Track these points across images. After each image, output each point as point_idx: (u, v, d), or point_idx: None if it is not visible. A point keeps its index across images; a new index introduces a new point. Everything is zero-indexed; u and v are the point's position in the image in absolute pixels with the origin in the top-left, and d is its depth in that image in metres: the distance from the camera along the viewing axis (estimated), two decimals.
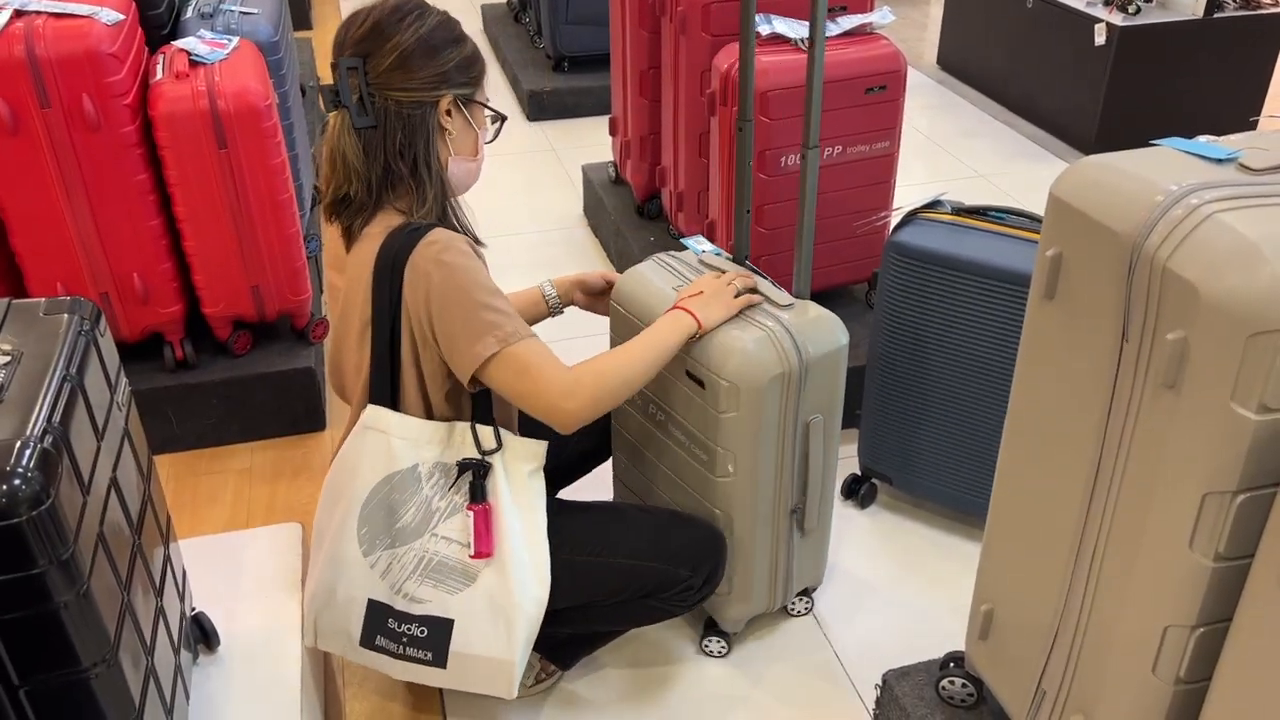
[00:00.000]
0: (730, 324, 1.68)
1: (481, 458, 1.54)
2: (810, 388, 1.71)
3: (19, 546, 1.03)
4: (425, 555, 1.55)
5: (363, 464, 1.54)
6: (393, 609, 1.56)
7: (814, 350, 1.69)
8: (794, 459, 1.76)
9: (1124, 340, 1.14)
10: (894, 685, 1.67)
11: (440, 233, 1.49)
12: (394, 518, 1.55)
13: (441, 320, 1.47)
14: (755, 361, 1.64)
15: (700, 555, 1.69)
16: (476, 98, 1.57)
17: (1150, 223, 1.08)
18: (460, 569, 1.55)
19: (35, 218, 2.16)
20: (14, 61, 2.00)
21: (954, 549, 2.17)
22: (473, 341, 1.46)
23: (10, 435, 1.06)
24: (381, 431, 1.53)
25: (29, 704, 1.11)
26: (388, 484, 1.54)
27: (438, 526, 1.55)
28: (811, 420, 1.74)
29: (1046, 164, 3.93)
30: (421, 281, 1.46)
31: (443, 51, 1.51)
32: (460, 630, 1.55)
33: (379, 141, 1.49)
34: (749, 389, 1.64)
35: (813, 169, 1.75)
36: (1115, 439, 1.18)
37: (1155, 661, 1.18)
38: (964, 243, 1.91)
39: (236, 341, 2.45)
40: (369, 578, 1.56)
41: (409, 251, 1.47)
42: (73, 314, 1.29)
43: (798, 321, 1.70)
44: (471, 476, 1.53)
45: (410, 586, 1.55)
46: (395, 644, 1.58)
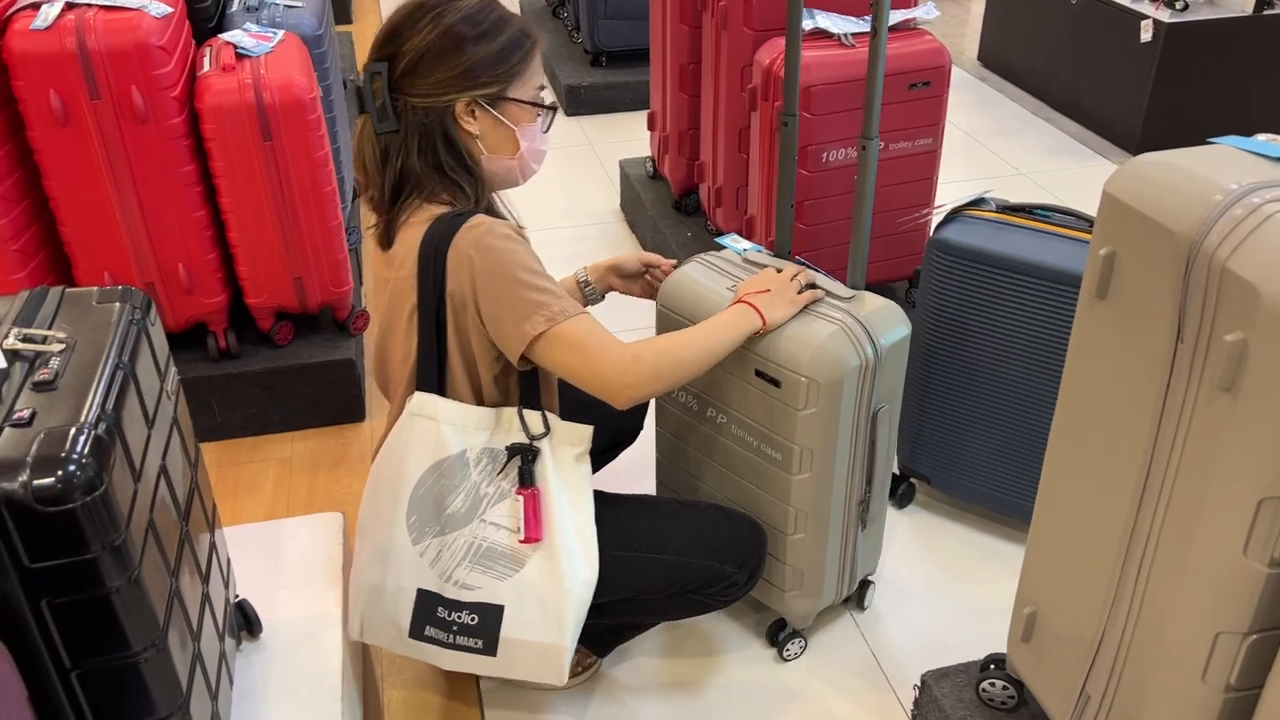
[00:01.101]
0: (798, 319, 1.67)
1: (530, 442, 1.53)
2: (881, 378, 1.72)
3: (73, 531, 1.04)
4: (475, 541, 1.54)
5: (410, 451, 1.54)
6: (442, 597, 1.56)
7: (885, 340, 1.70)
8: (864, 450, 1.76)
9: (1179, 341, 1.12)
10: (933, 686, 1.65)
11: (482, 217, 1.49)
12: (443, 505, 1.55)
13: (487, 301, 1.47)
14: (834, 356, 1.64)
15: (745, 552, 1.69)
16: (510, 94, 1.52)
17: (1209, 222, 1.06)
18: (509, 554, 1.54)
19: (84, 208, 2.19)
20: (65, 53, 2.03)
21: (992, 550, 2.16)
22: (520, 321, 1.46)
23: (65, 422, 1.07)
24: (430, 418, 1.53)
25: (80, 687, 1.13)
26: (436, 470, 1.53)
27: (486, 512, 1.54)
28: (879, 409, 1.74)
29: (1089, 162, 3.88)
30: (465, 265, 1.46)
31: (457, 52, 1.47)
32: (510, 616, 1.54)
33: (399, 146, 1.50)
34: (830, 383, 1.64)
35: (873, 159, 1.75)
36: (1167, 441, 1.16)
37: (1205, 668, 1.16)
38: (1009, 241, 1.89)
39: (279, 332, 2.48)
40: (418, 566, 1.56)
41: (451, 237, 1.47)
42: (124, 303, 1.30)
43: (864, 313, 1.70)
44: (520, 461, 1.53)
45: (460, 573, 1.55)
46: (445, 633, 1.58)
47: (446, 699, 1.85)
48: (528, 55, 1.53)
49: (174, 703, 1.20)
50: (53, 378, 1.13)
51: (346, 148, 3.02)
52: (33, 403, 1.10)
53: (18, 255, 2.14)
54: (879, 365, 1.69)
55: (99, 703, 1.14)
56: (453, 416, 1.53)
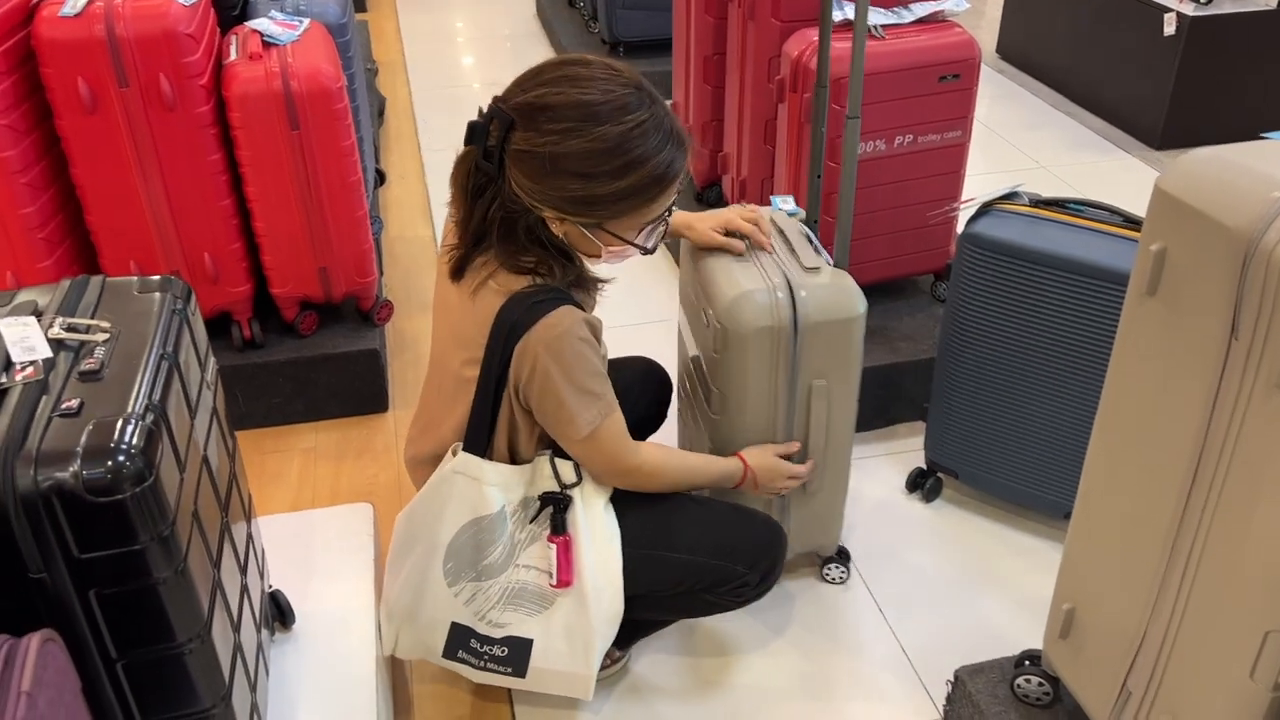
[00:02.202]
0: (743, 270, 1.72)
1: (562, 491, 1.56)
2: (810, 350, 1.72)
3: (122, 523, 1.04)
4: (509, 586, 1.59)
5: (450, 505, 1.55)
6: (475, 632, 1.61)
7: (815, 314, 1.70)
8: (790, 417, 1.78)
9: (1233, 338, 1.11)
10: (967, 682, 1.65)
11: (563, 314, 1.43)
12: (480, 555, 1.57)
13: (541, 399, 1.48)
14: (743, 310, 1.68)
15: (758, 553, 1.68)
16: (610, 228, 1.43)
17: (1268, 218, 1.05)
18: (539, 593, 1.59)
19: (111, 196, 2.19)
20: (94, 41, 2.02)
21: (1020, 545, 2.15)
22: (566, 423, 1.49)
23: (113, 412, 1.07)
24: (474, 479, 1.54)
25: (125, 678, 1.13)
26: (475, 525, 1.56)
27: (519, 557, 1.58)
28: (814, 384, 1.75)
29: (1111, 156, 3.86)
30: (528, 360, 1.44)
31: (571, 179, 1.36)
32: (539, 648, 1.59)
33: (494, 194, 1.43)
34: (735, 335, 1.68)
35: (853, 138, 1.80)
36: (1218, 438, 1.15)
37: (1254, 666, 1.15)
38: (1042, 235, 1.88)
39: (303, 322, 2.47)
40: (453, 604, 1.59)
41: (526, 327, 1.43)
42: (165, 292, 1.30)
43: (810, 283, 1.71)
44: (553, 509, 1.56)
45: (494, 615, 1.60)
46: (477, 659, 1.62)
47: (475, 689, 1.85)
48: (652, 198, 1.41)
49: (217, 694, 1.20)
50: (98, 368, 1.13)
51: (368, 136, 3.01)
52: (80, 393, 1.10)
53: (44, 243, 2.13)
54: (801, 337, 1.70)
55: (144, 694, 1.15)
56: (497, 478, 1.55)
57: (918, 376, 2.38)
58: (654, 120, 1.38)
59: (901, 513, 2.24)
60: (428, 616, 1.60)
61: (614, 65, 1.41)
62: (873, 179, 2.37)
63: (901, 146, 2.35)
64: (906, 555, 2.13)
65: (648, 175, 1.38)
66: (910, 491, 2.28)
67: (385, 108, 4.25)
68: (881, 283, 2.56)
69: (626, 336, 2.12)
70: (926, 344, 2.43)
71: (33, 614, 1.05)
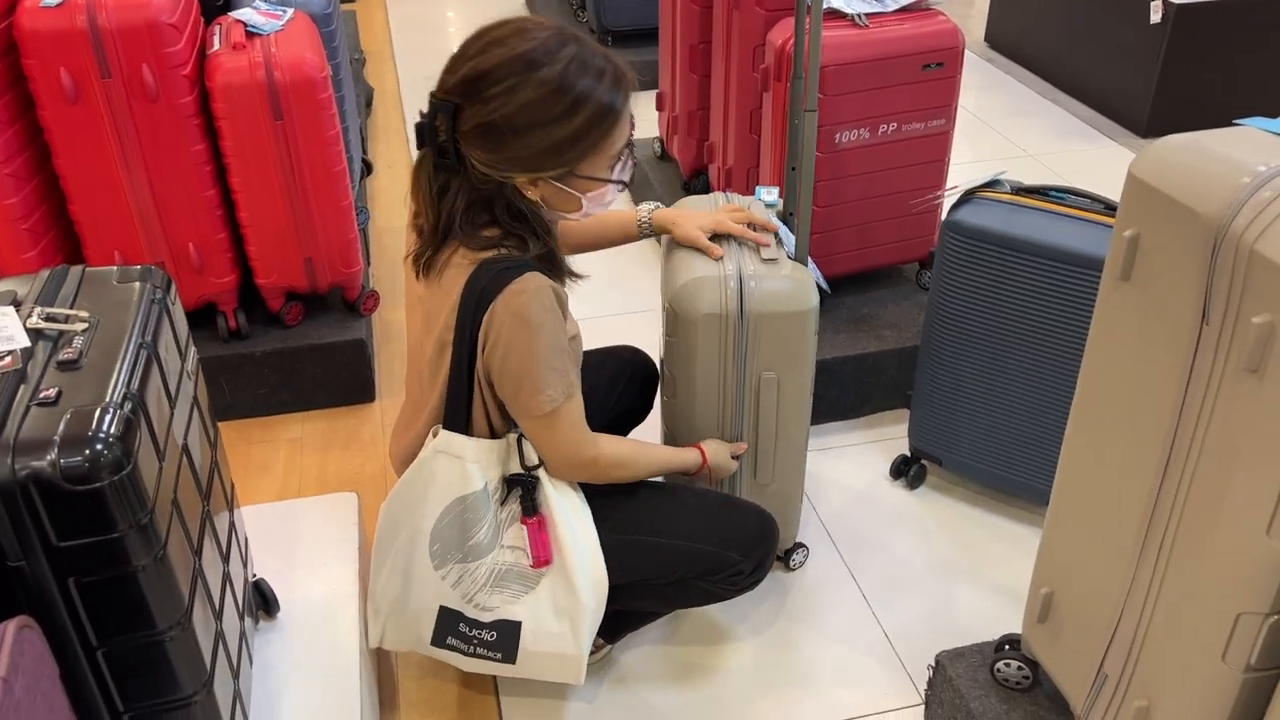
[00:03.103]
0: (702, 259, 1.74)
1: (527, 472, 1.55)
2: (759, 341, 1.74)
3: (100, 511, 1.05)
4: (495, 567, 1.58)
5: (434, 486, 1.55)
6: (464, 616, 1.60)
7: (761, 305, 1.71)
8: (738, 406, 1.80)
9: (1204, 323, 1.12)
10: (947, 666, 1.66)
11: (529, 280, 1.43)
12: (467, 535, 1.56)
13: (503, 367, 1.47)
14: (692, 294, 1.70)
15: (751, 541, 1.69)
16: (581, 171, 1.44)
17: (1237, 204, 1.06)
18: (523, 574, 1.58)
19: (94, 187, 2.18)
20: (76, 31, 2.01)
21: (1003, 531, 2.16)
22: (531, 394, 1.47)
23: (91, 401, 1.07)
24: (456, 456, 1.54)
25: (106, 665, 1.13)
26: (460, 504, 1.55)
27: (504, 537, 1.58)
28: (764, 376, 1.77)
29: (1098, 145, 3.87)
30: (498, 327, 1.44)
31: (527, 135, 1.37)
32: (528, 630, 1.59)
33: (459, 186, 1.44)
34: (684, 319, 1.71)
35: (811, 130, 1.80)
36: (1190, 422, 1.17)
37: (1226, 648, 1.17)
38: (1024, 223, 1.89)
39: (289, 312, 2.47)
40: (440, 588, 1.59)
41: (494, 294, 1.43)
42: (144, 282, 1.30)
43: (763, 273, 1.72)
44: (521, 490, 1.55)
45: (481, 597, 1.59)
46: (466, 645, 1.62)
47: (461, 678, 1.85)
48: (611, 123, 1.41)
49: (198, 681, 1.21)
50: (77, 357, 1.14)
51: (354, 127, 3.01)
52: (58, 382, 1.10)
53: (28, 234, 2.13)
54: (748, 325, 1.71)
55: (125, 681, 1.15)
56: (479, 455, 1.54)
57: (903, 364, 2.39)
58: (584, 52, 1.39)
59: (885, 500, 2.25)
60: (415, 602, 1.60)
61: (527, 17, 1.43)
62: (856, 168, 2.38)
63: (885, 135, 2.35)
64: (890, 542, 2.14)
65: (599, 104, 1.39)
66: (894, 478, 2.29)
67: (373, 98, 4.24)
68: (866, 271, 2.57)
69: (611, 326, 2.13)
70: (911, 332, 2.44)
71: (12, 602, 1.05)
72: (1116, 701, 1.36)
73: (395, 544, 1.60)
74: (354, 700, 1.54)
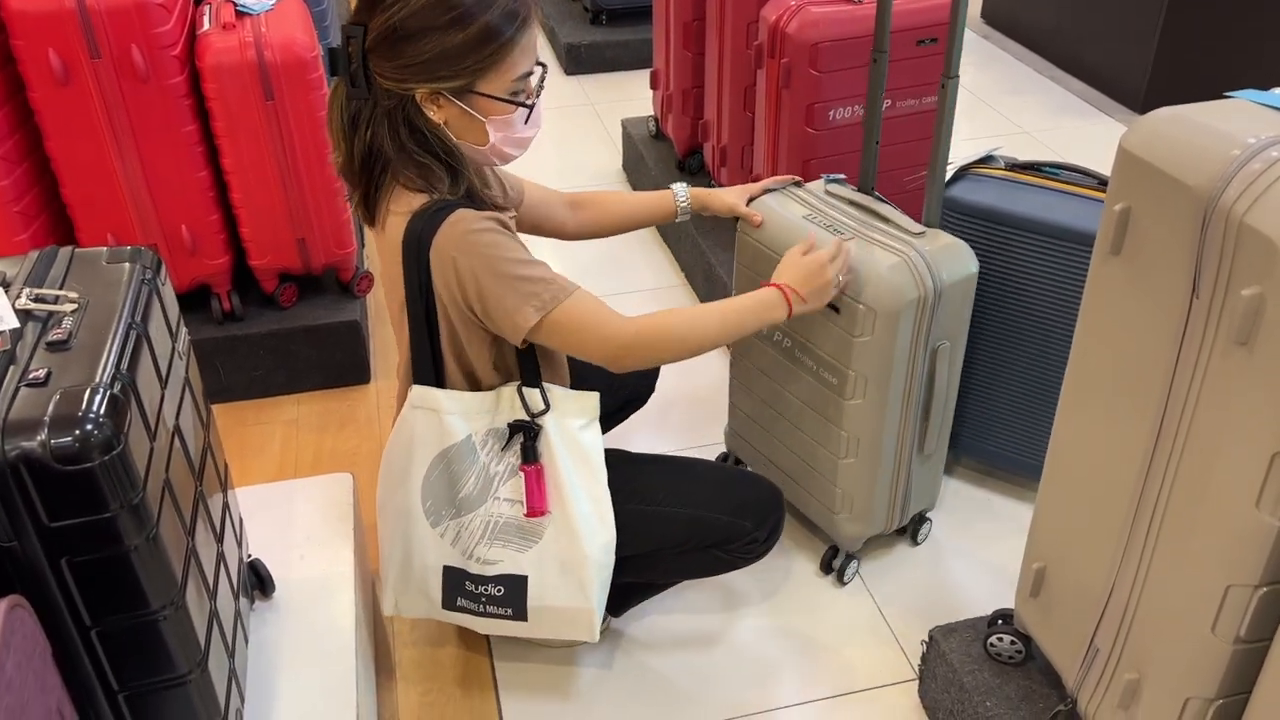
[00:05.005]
0: (866, 250, 1.71)
1: (530, 419, 1.54)
2: (942, 313, 1.75)
3: (91, 491, 1.05)
4: (490, 519, 1.57)
5: (415, 443, 1.56)
6: (468, 573, 1.60)
7: (947, 276, 1.73)
8: (921, 383, 1.80)
9: (1194, 296, 1.12)
10: (941, 641, 1.67)
11: (460, 213, 1.43)
12: (455, 488, 1.57)
13: (478, 299, 1.45)
14: (893, 287, 1.68)
15: (764, 510, 1.70)
16: (479, 88, 1.42)
17: (1226, 176, 1.06)
18: (525, 528, 1.58)
19: (85, 169, 2.18)
20: (64, 12, 2.00)
21: (999, 508, 2.17)
22: (512, 314, 1.44)
23: (81, 381, 1.07)
24: (431, 410, 1.54)
25: (100, 645, 1.14)
26: (444, 458, 1.55)
27: (498, 490, 1.57)
28: (940, 346, 1.78)
29: (1094, 121, 3.86)
30: (448, 266, 1.43)
31: (421, 39, 1.37)
32: (535, 584, 1.58)
33: (367, 117, 1.43)
34: (887, 313, 1.68)
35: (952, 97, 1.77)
36: (1181, 396, 1.17)
37: (1215, 620, 1.17)
38: (1017, 199, 1.89)
39: (283, 294, 2.47)
40: (440, 546, 1.59)
41: (431, 236, 1.43)
42: (134, 263, 1.30)
43: (930, 248, 1.73)
44: (523, 438, 1.54)
45: (481, 550, 1.58)
46: (475, 604, 1.62)
47: (458, 657, 1.86)
48: (506, 45, 1.40)
49: (193, 660, 1.21)
50: (66, 338, 1.13)
51: None
52: (48, 362, 1.10)
53: (20, 217, 2.12)
54: (939, 301, 1.73)
55: (119, 660, 1.15)
56: (454, 405, 1.54)
57: None
58: None
59: None
60: (419, 564, 1.61)
61: None
62: (850, 145, 2.36)
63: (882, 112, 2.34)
64: None
65: (500, 11, 1.38)
66: None
67: None
68: None
69: None
70: None
71: (5, 583, 1.05)
72: (1108, 674, 1.37)
73: (391, 507, 1.61)
74: (350, 679, 1.54)
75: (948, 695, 1.65)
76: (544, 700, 1.79)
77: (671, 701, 1.79)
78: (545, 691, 1.81)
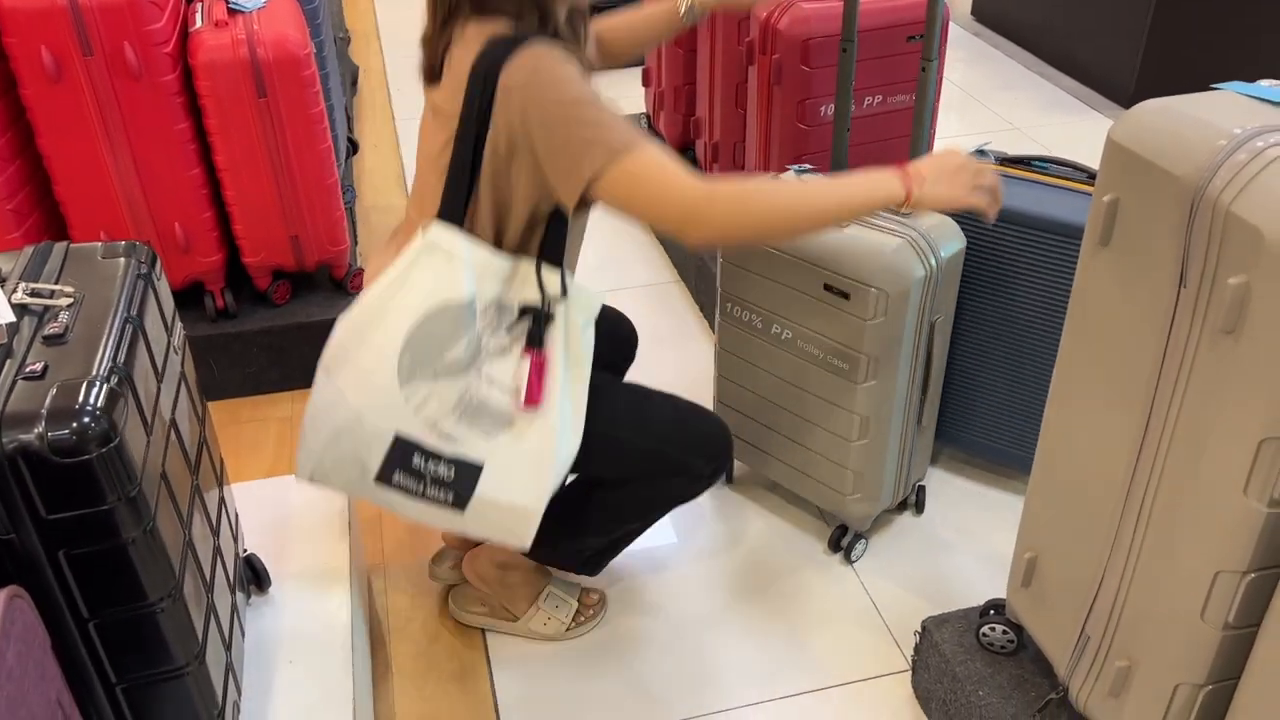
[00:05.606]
0: (867, 233, 1.73)
1: (545, 303, 1.43)
2: (941, 289, 1.79)
3: (89, 483, 1.05)
4: (467, 394, 1.44)
5: (420, 286, 1.39)
6: (421, 446, 1.44)
7: (944, 253, 1.78)
8: (922, 358, 1.85)
9: (1182, 286, 1.13)
10: (933, 632, 1.68)
11: (541, 45, 1.34)
12: (443, 349, 1.42)
13: (541, 136, 1.34)
14: (901, 267, 1.72)
15: (715, 449, 1.67)
16: None
17: (1213, 167, 1.07)
18: (500, 414, 1.46)
19: (78, 166, 2.18)
20: (56, 9, 2.00)
21: (990, 500, 2.18)
22: (577, 158, 1.32)
23: (78, 375, 1.08)
24: (447, 253, 1.38)
25: (98, 637, 1.14)
26: (443, 313, 1.40)
27: (484, 365, 1.45)
28: (936, 320, 1.82)
29: (1084, 117, 3.88)
30: (516, 95, 1.33)
31: None
32: (489, 475, 1.45)
33: None
34: (898, 294, 1.72)
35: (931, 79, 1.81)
36: (1169, 385, 1.18)
37: (1204, 607, 1.18)
38: (1008, 193, 1.88)
39: (276, 291, 2.47)
40: (402, 410, 1.43)
41: (503, 62, 1.33)
42: (129, 257, 1.31)
43: (924, 227, 1.77)
44: (531, 322, 1.44)
45: (447, 424, 1.44)
46: (416, 482, 1.47)
47: (454, 651, 1.87)
48: None
49: (190, 652, 1.22)
50: (63, 331, 1.14)
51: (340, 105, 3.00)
52: (44, 356, 1.10)
53: (12, 215, 2.12)
54: (940, 277, 1.76)
55: (117, 652, 1.16)
56: (474, 257, 1.40)
57: None
58: None
59: None
60: (368, 426, 1.43)
61: None
62: None
63: (870, 107, 2.36)
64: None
65: None
66: None
67: (358, 77, 4.23)
68: None
69: None
70: None
71: (3, 575, 1.06)
72: (1099, 662, 1.38)
73: (356, 357, 1.44)
74: (346, 672, 1.55)
75: (940, 685, 1.66)
76: (540, 692, 1.80)
77: (664, 693, 1.80)
78: (541, 683, 1.82)
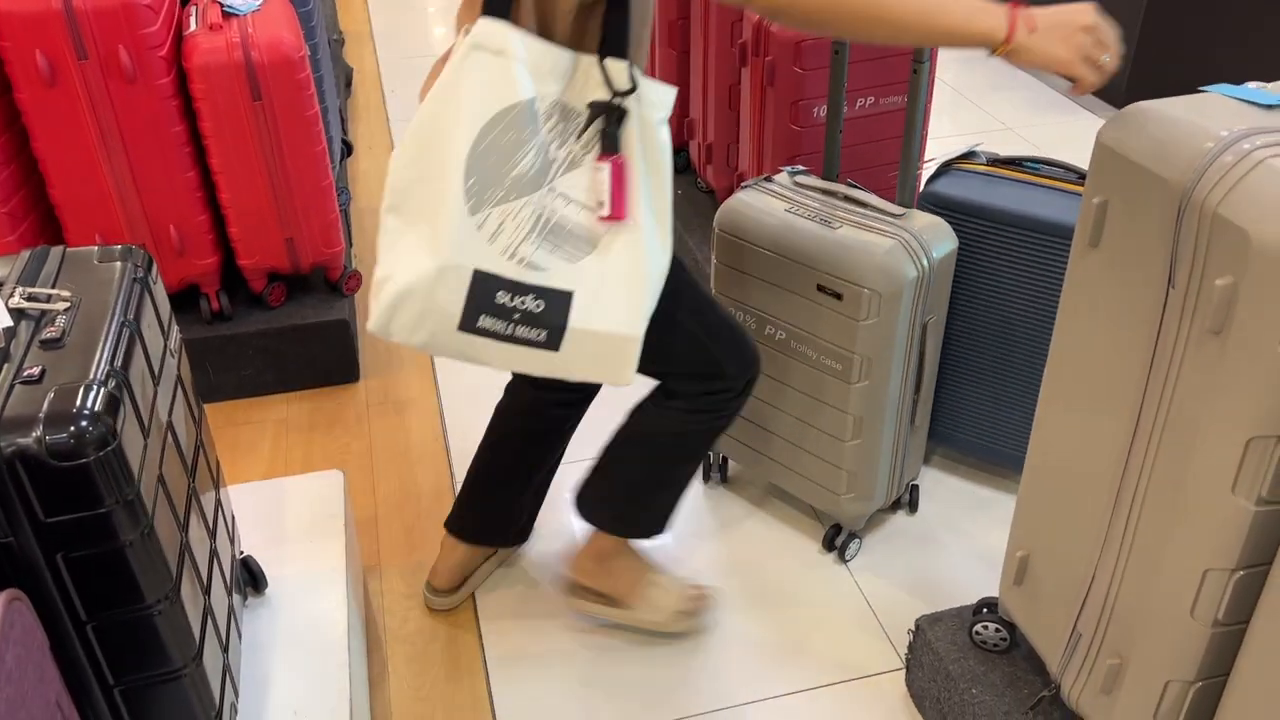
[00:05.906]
0: (860, 234, 1.76)
1: (614, 99, 1.28)
2: (933, 289, 1.81)
3: (87, 486, 1.06)
4: (543, 212, 1.31)
5: (473, 94, 1.26)
6: (503, 278, 1.31)
7: (936, 254, 1.80)
8: (915, 358, 1.87)
9: (1170, 287, 1.14)
10: (927, 630, 1.69)
11: None
12: (510, 164, 1.28)
13: None
14: (894, 268, 1.74)
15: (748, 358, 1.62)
16: None
17: (1200, 169, 1.08)
18: (581, 234, 1.32)
19: (73, 170, 2.18)
20: (51, 13, 2.01)
21: (983, 500, 2.19)
22: None
23: (75, 378, 1.08)
24: (497, 52, 1.25)
25: (96, 639, 1.15)
26: (504, 119, 1.26)
27: (556, 180, 1.31)
28: (929, 320, 1.84)
29: (1076, 117, 3.89)
30: None
31: None
32: (580, 302, 1.32)
33: None
34: (890, 294, 1.75)
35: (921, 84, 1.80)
36: (1158, 385, 1.19)
37: (1194, 604, 1.19)
38: (999, 193, 1.91)
39: (271, 293, 2.48)
40: (476, 240, 1.29)
41: None
42: (125, 261, 1.31)
43: (916, 228, 1.79)
44: (604, 123, 1.29)
45: (526, 250, 1.30)
46: (504, 323, 1.32)
47: (450, 651, 1.88)
48: None
49: (187, 654, 1.22)
50: (60, 336, 1.14)
51: (334, 107, 3.00)
52: (42, 360, 1.11)
53: (7, 218, 2.13)
54: (932, 277, 1.79)
55: (115, 654, 1.17)
56: (527, 52, 1.27)
57: None
58: None
59: None
60: (444, 263, 1.29)
61: None
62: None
63: (863, 109, 2.37)
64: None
65: None
66: None
67: (353, 79, 4.23)
68: None
69: None
70: None
71: (2, 578, 1.07)
72: (1090, 659, 1.39)
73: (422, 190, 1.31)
74: (343, 673, 1.56)
75: (934, 683, 1.68)
76: (536, 691, 1.81)
77: (660, 691, 1.81)
78: (538, 683, 1.82)
